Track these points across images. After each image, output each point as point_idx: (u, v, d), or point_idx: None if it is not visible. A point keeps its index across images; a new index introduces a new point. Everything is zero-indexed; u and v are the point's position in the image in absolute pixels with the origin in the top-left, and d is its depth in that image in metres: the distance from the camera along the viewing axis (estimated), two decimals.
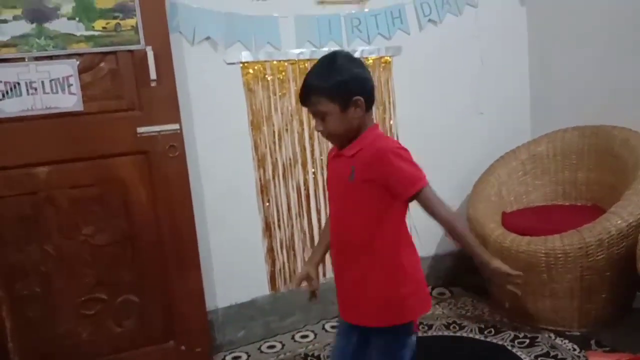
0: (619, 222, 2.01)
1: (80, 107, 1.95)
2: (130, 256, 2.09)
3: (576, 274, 2.08)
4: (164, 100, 2.05)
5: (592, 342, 2.07)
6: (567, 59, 2.70)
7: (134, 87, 2.02)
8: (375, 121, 1.46)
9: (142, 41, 1.99)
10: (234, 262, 2.34)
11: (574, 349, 2.04)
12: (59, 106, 1.92)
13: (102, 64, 1.99)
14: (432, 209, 1.36)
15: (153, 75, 2.00)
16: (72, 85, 1.93)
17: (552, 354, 2.02)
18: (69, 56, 1.92)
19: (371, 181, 1.34)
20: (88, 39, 1.93)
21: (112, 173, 2.03)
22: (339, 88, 1.32)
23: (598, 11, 2.51)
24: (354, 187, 1.36)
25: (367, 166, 1.34)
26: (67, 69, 1.92)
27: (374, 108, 1.49)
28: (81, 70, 1.95)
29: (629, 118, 2.38)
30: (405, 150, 1.36)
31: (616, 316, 2.19)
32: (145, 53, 1.99)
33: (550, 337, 2.15)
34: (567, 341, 2.10)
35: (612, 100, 2.50)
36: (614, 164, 2.36)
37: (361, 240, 1.38)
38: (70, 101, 1.94)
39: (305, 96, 1.35)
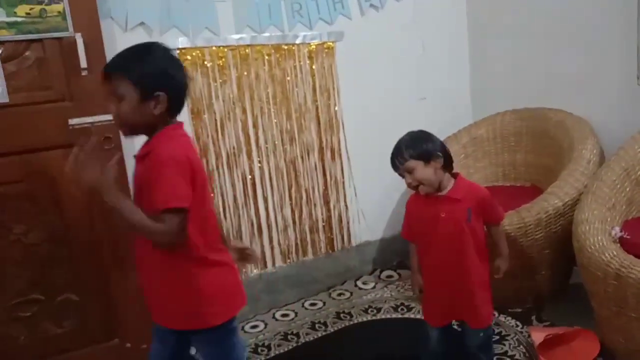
0: (555, 201, 2.08)
1: (5, 99, 1.83)
2: (66, 255, 1.99)
3: (516, 253, 2.14)
4: (97, 90, 1.92)
5: (533, 317, 2.15)
6: (505, 46, 2.77)
7: (63, 76, 1.91)
8: (318, 108, 1.47)
9: (71, 28, 1.88)
10: None
11: (517, 325, 2.11)
12: None
13: (27, 53, 1.87)
14: None
15: (84, 63, 1.90)
16: None
17: (496, 330, 2.08)
18: None
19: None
20: (10, 25, 1.81)
21: (43, 168, 1.92)
22: (126, 71, 1.32)
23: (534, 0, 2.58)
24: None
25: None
26: None
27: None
28: (4, 59, 1.82)
29: (563, 101, 2.46)
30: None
31: (555, 292, 2.28)
32: (75, 40, 1.88)
33: (494, 314, 2.21)
34: (510, 318, 2.17)
35: (547, 84, 2.58)
36: (551, 146, 2.44)
37: None
38: None
39: (105, 72, 1.35)
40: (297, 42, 2.41)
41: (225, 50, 2.26)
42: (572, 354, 1.81)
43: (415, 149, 1.70)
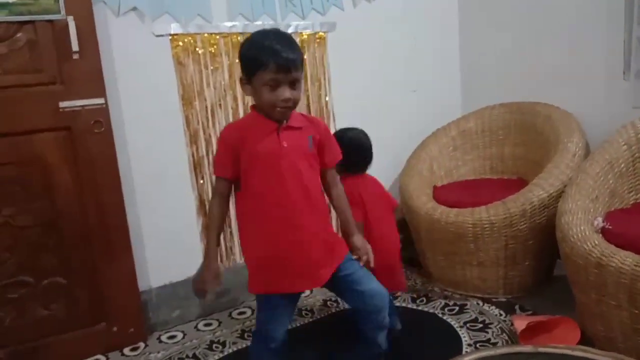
0: (540, 193, 2.12)
1: None
2: (56, 238, 2.00)
3: (501, 243, 2.18)
4: (88, 74, 1.96)
5: (517, 307, 2.18)
6: (495, 40, 2.79)
7: (54, 59, 1.92)
8: (309, 98, 1.55)
9: (63, 10, 1.88)
10: (168, 241, 2.29)
11: (500, 314, 2.14)
12: None
13: (18, 34, 1.87)
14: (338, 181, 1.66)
15: (75, 47, 1.91)
16: None
17: (480, 319, 2.12)
18: None
19: (321, 149, 1.56)
20: (2, 6, 1.81)
21: (33, 150, 1.93)
22: (303, 61, 1.48)
23: None
24: (313, 155, 1.53)
25: (319, 135, 1.55)
26: None
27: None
28: None
29: (552, 95, 2.50)
30: None
31: (538, 283, 2.32)
32: (67, 23, 1.89)
33: (478, 304, 2.25)
34: (494, 307, 2.21)
35: (536, 78, 2.61)
36: (538, 139, 2.47)
37: (321, 201, 1.56)
38: None
39: (293, 62, 1.40)
40: (290, 31, 2.42)
41: (217, 37, 2.27)
42: (553, 341, 1.84)
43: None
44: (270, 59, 1.39)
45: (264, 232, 1.50)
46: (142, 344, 2.16)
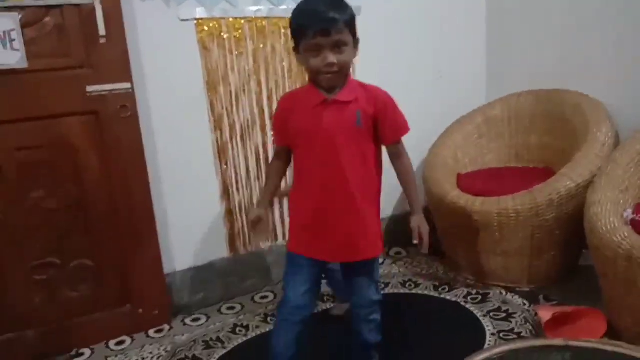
0: (568, 183, 2.08)
1: (24, 64, 1.85)
2: (83, 221, 2.03)
3: (527, 233, 2.15)
4: (114, 58, 1.97)
5: (541, 297, 2.16)
6: (523, 25, 2.73)
7: (82, 43, 1.93)
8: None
9: None
10: (192, 225, 2.31)
11: (524, 304, 2.13)
12: (1, 62, 1.81)
13: (47, 19, 1.88)
14: (404, 154, 1.55)
15: (102, 31, 1.91)
16: (14, 40, 1.81)
17: (503, 309, 2.10)
18: (10, 9, 1.80)
19: (375, 126, 1.45)
20: None
21: (61, 134, 1.95)
22: (353, 22, 1.39)
23: None
24: (360, 132, 1.43)
25: (374, 109, 1.44)
26: (8, 22, 1.80)
27: None
28: (24, 25, 1.83)
29: (580, 82, 2.44)
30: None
31: (563, 273, 2.29)
32: (94, 8, 1.90)
33: (501, 293, 2.23)
34: (517, 297, 2.19)
35: (564, 65, 2.56)
36: (566, 128, 2.42)
37: (369, 182, 1.49)
38: (13, 57, 1.83)
39: (333, 22, 1.33)
40: None
41: (242, 22, 2.25)
42: (578, 332, 1.82)
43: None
44: (307, 24, 1.34)
45: (301, 200, 1.52)
46: (166, 326, 2.19)
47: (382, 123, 1.46)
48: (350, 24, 1.38)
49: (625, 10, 2.26)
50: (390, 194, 2.81)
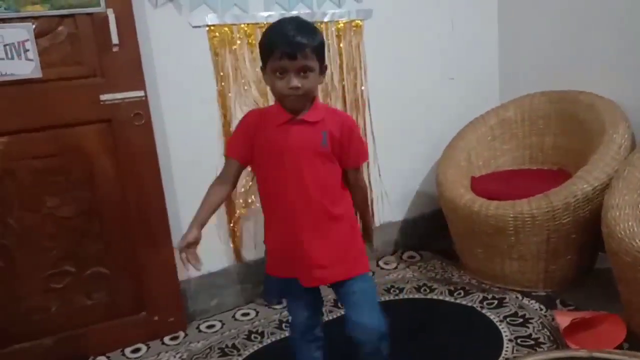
0: (584, 186, 2.06)
1: (38, 74, 1.86)
2: (98, 228, 2.04)
3: (543, 236, 2.13)
4: (127, 66, 1.97)
5: (558, 301, 2.14)
6: (535, 25, 2.71)
7: (95, 52, 1.93)
8: (345, 87, 1.47)
9: (103, 3, 1.89)
10: (205, 231, 2.30)
11: (541, 309, 2.11)
12: (16, 73, 1.82)
13: (60, 28, 1.89)
14: (363, 180, 1.58)
15: (115, 39, 1.91)
16: (28, 50, 1.82)
17: (520, 313, 2.09)
18: (24, 19, 1.81)
19: (339, 148, 1.44)
20: (44, 0, 1.82)
21: (75, 143, 1.95)
22: (321, 49, 1.39)
23: None
24: (325, 152, 1.43)
25: (339, 133, 1.43)
26: (22, 33, 1.81)
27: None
28: (37, 35, 1.84)
29: (595, 83, 2.42)
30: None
31: (580, 276, 2.27)
32: (106, 16, 1.90)
33: (517, 297, 2.21)
34: (533, 301, 2.17)
35: (578, 65, 2.53)
36: (580, 129, 2.40)
37: (336, 200, 1.47)
38: (27, 68, 1.83)
39: (299, 47, 1.32)
40: (325, 20, 2.39)
41: (254, 27, 2.25)
42: (597, 338, 1.81)
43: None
44: (275, 46, 1.33)
45: (270, 222, 1.51)
46: (181, 333, 2.19)
47: (347, 148, 1.45)
48: (318, 51, 1.37)
49: (638, 12, 2.23)
50: (401, 198, 2.81)
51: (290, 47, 1.32)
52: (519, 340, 1.91)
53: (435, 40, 2.73)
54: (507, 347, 1.88)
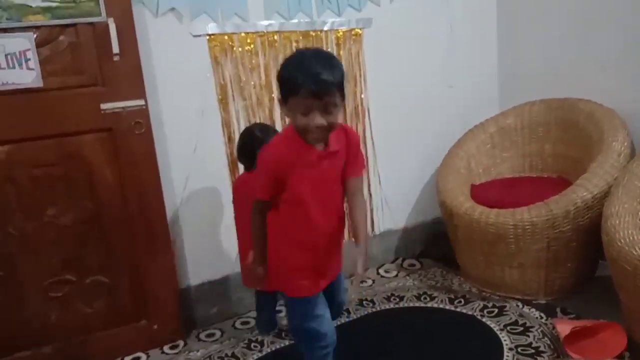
0: (584, 194, 2.06)
1: (39, 83, 1.87)
2: (98, 237, 2.04)
3: (543, 244, 2.13)
4: (128, 75, 1.98)
5: (558, 309, 2.14)
6: (534, 33, 2.72)
7: (95, 61, 1.94)
8: (346, 95, 1.50)
9: (104, 13, 1.90)
10: (206, 240, 2.31)
11: (541, 317, 2.10)
12: (17, 82, 1.83)
13: (61, 37, 1.90)
14: (362, 189, 1.66)
15: (116, 48, 1.92)
16: (29, 59, 1.83)
17: (520, 322, 2.08)
18: (25, 29, 1.82)
19: (347, 163, 1.54)
20: (45, 10, 1.84)
21: (76, 151, 1.96)
22: (343, 83, 1.40)
23: None
24: (340, 178, 1.54)
25: (347, 150, 1.51)
26: (23, 42, 1.82)
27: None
28: (39, 44, 1.85)
29: (594, 90, 2.42)
30: None
31: (580, 284, 2.26)
32: (107, 25, 1.91)
33: (518, 306, 2.21)
34: (534, 309, 2.16)
35: (578, 73, 2.54)
36: (579, 137, 2.40)
37: (344, 214, 1.62)
38: (28, 77, 1.84)
39: (326, 87, 1.33)
40: (325, 28, 2.40)
41: (254, 36, 2.26)
42: (598, 347, 1.80)
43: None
44: (301, 86, 1.33)
45: (300, 245, 1.54)
46: (181, 342, 2.19)
47: (353, 161, 1.55)
48: (341, 85, 1.39)
49: (638, 18, 2.23)
50: (401, 206, 2.81)
51: (316, 86, 1.32)
52: (519, 349, 1.90)
53: (434, 48, 2.74)
54: (507, 356, 1.87)
